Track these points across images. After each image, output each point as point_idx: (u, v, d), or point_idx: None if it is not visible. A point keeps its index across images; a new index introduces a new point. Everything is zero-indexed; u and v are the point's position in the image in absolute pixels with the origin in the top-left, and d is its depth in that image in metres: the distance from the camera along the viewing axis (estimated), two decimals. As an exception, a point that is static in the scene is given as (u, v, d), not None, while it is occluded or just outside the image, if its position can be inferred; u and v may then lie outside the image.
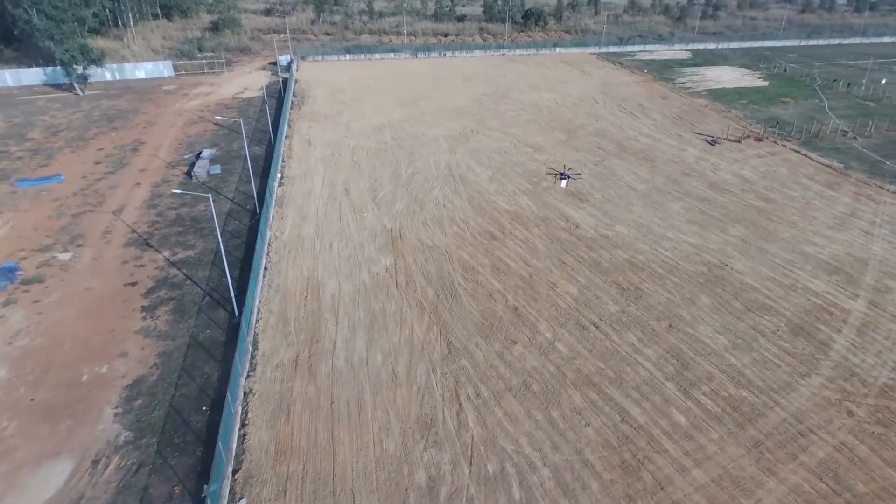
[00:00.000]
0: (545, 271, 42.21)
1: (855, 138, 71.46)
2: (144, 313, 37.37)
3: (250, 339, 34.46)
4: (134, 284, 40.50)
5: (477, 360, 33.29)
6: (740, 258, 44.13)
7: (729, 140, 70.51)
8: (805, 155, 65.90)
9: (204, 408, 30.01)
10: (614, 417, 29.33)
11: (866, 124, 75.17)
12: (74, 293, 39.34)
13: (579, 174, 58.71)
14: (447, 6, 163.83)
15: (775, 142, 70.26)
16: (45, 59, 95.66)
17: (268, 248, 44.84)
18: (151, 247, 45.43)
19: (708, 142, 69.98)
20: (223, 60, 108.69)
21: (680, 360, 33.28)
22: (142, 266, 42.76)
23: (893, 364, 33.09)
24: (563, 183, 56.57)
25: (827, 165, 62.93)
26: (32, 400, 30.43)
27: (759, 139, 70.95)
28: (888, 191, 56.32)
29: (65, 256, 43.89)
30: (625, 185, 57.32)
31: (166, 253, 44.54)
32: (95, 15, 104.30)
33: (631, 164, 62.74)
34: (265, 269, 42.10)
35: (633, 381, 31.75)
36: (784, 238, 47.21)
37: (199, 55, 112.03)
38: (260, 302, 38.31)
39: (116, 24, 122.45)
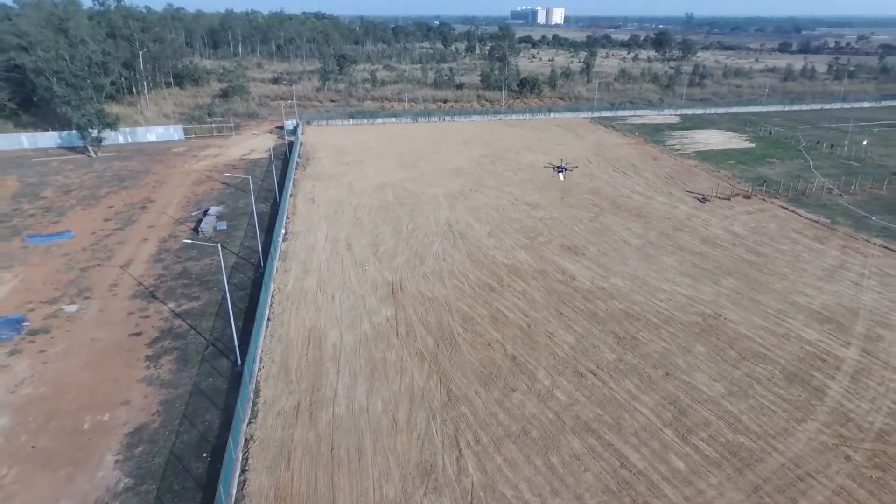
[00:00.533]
0: (543, 321, 43.04)
1: (840, 195, 73.96)
2: (148, 362, 37.90)
3: (252, 386, 34.88)
4: (139, 335, 41.21)
5: (476, 407, 33.61)
6: (734, 308, 45.07)
7: (719, 198, 72.96)
8: (793, 211, 68.08)
9: (204, 454, 30.12)
10: (613, 463, 29.43)
11: (851, 182, 77.94)
12: (80, 343, 39.99)
13: (576, 166, 61.00)
14: (446, 75, 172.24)
15: (764, 199, 72.69)
16: (62, 124, 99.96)
17: (271, 300, 45.82)
18: (157, 299, 46.43)
19: (699, 199, 72.38)
20: (232, 125, 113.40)
21: (677, 407, 33.61)
22: (147, 317, 43.59)
23: (888, 409, 33.43)
24: (561, 175, 58.67)
25: (814, 221, 64.95)
26: (33, 447, 30.56)
27: (748, 197, 73.42)
28: (875, 244, 57.95)
29: (72, 308, 44.79)
30: (619, 240, 59.00)
31: (171, 304, 45.48)
32: (113, 83, 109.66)
33: (625, 220, 64.72)
34: (268, 319, 42.93)
35: (631, 427, 31.99)
36: (776, 289, 48.33)
37: (208, 120, 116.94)
38: (262, 351, 38.92)
39: (131, 92, 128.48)
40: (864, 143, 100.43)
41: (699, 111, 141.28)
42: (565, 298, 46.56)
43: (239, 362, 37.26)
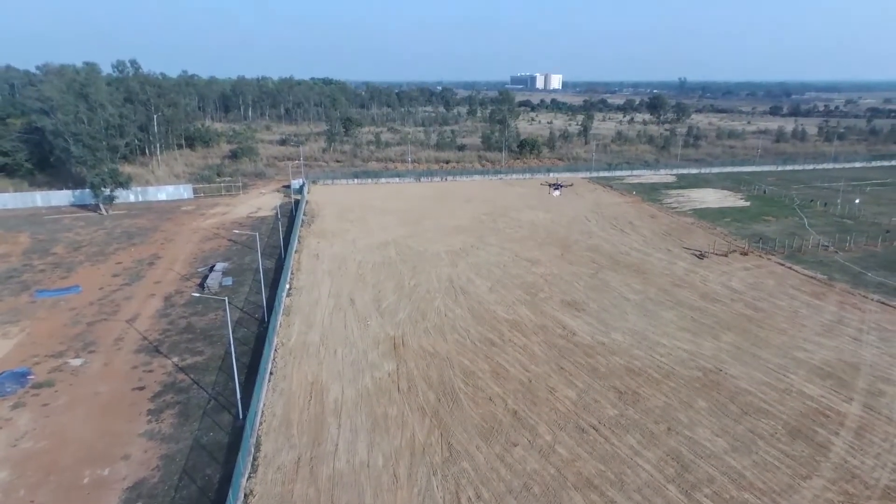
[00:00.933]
0: (544, 376, 43.19)
1: (836, 252, 75.12)
2: (150, 416, 37.97)
3: (253, 440, 34.82)
4: (142, 389, 41.41)
5: (478, 462, 33.42)
6: (734, 363, 45.23)
7: (716, 254, 74.16)
8: (790, 268, 69.06)
9: (203, 510, 29.83)
10: (617, 520, 29.04)
11: (846, 240, 79.30)
12: (83, 397, 40.16)
13: (571, 184, 61.79)
14: (448, 137, 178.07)
15: (760, 256, 73.85)
16: (75, 183, 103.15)
17: (274, 354, 46.18)
18: (161, 353, 46.84)
19: (696, 256, 73.57)
20: (240, 184, 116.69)
21: (680, 463, 33.37)
22: (150, 371, 43.89)
23: (893, 466, 33.11)
24: (557, 192, 59.58)
25: (812, 277, 65.80)
26: (32, 502, 30.34)
27: (744, 253, 74.62)
28: (872, 300, 58.52)
29: (76, 362, 45.16)
30: (619, 296, 59.72)
31: (175, 359, 45.84)
32: (127, 144, 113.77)
33: (624, 276, 65.66)
34: (271, 373, 43.17)
35: (634, 483, 31.69)
36: (775, 344, 48.59)
37: (217, 179, 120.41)
38: (264, 405, 39.00)
39: (144, 153, 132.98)
40: (857, 201, 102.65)
41: (694, 171, 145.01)
42: (566, 353, 46.84)
43: (240, 416, 37.32)
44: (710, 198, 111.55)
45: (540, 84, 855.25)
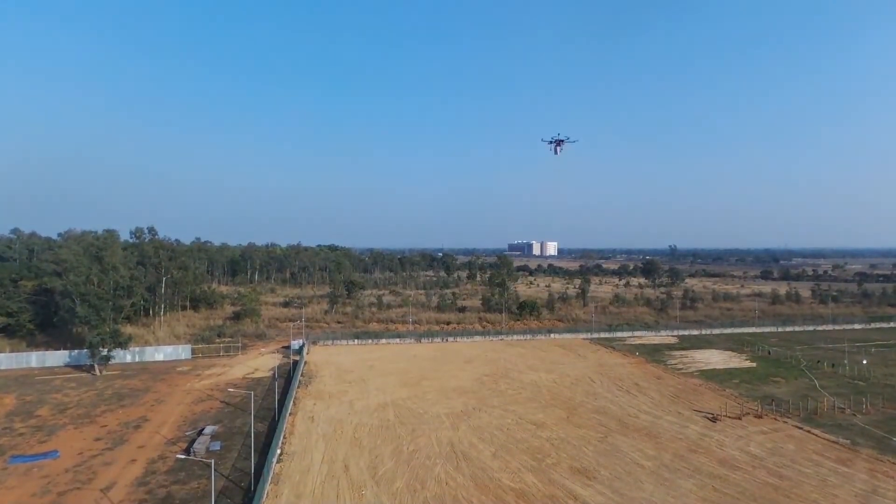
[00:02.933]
0: (556, 556, 38.62)
1: (854, 415, 71.96)
2: None
3: None
4: (105, 571, 36.79)
5: None
6: (767, 541, 40.73)
7: (729, 417, 70.97)
8: (808, 431, 65.59)
9: None
10: None
11: (861, 402, 76.48)
12: (37, 581, 35.52)
13: (576, 140, 61.05)
14: (449, 299, 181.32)
15: (775, 419, 70.61)
16: (74, 343, 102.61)
17: (257, 529, 41.85)
18: (133, 527, 42.46)
19: (709, 419, 70.36)
20: (239, 344, 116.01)
21: None
22: (118, 549, 39.38)
23: None
24: (559, 150, 58.01)
25: (833, 441, 62.16)
26: None
27: (759, 416, 71.43)
28: (904, 467, 54.59)
29: (38, 538, 40.75)
30: (631, 462, 55.88)
31: (148, 534, 41.42)
32: (133, 305, 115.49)
33: (635, 441, 62.09)
34: (251, 552, 38.69)
35: None
36: (809, 518, 44.25)
37: (217, 340, 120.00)
38: (241, 592, 34.31)
39: (147, 314, 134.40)
40: (864, 362, 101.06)
41: (695, 332, 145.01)
42: (579, 528, 42.44)
43: None
44: (715, 359, 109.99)
45: (536, 251, 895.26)
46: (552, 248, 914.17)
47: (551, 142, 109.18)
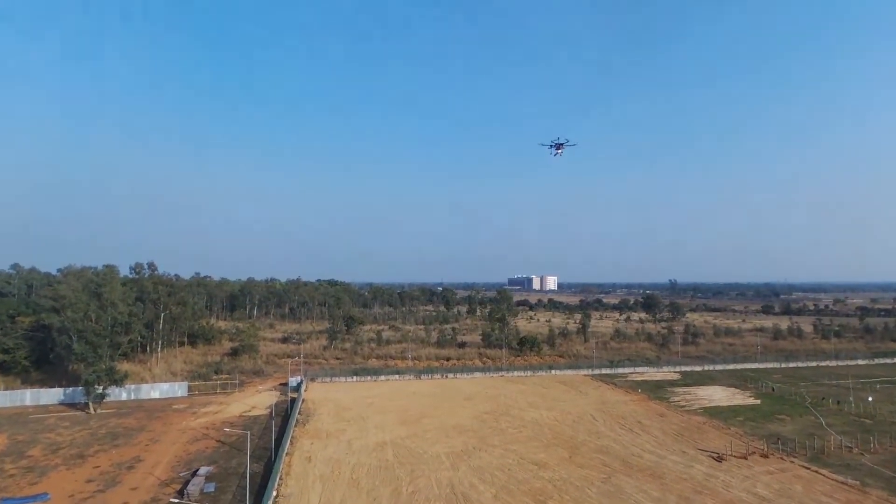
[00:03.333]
0: None
1: (862, 454, 70.58)
2: None
3: None
4: None
5: None
6: (778, 588, 39.38)
7: (735, 456, 69.58)
8: (816, 471, 64.20)
9: None
10: None
11: (868, 440, 75.15)
12: None
13: (574, 144, 63.67)
14: (449, 335, 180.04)
15: (782, 458, 69.22)
16: (69, 381, 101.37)
17: (251, 577, 40.50)
18: (123, 575, 41.11)
19: (714, 458, 68.96)
20: (236, 381, 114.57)
21: None
22: None
23: None
24: (559, 152, 59.55)
25: (842, 482, 60.77)
26: None
27: (764, 455, 70.05)
28: (915, 509, 53.25)
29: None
30: (636, 504, 54.52)
31: (137, 582, 40.07)
32: (130, 341, 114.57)
33: (639, 482, 60.70)
34: None
35: None
36: (820, 564, 42.88)
37: (214, 377, 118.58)
38: None
39: (144, 350, 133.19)
40: (870, 399, 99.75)
41: (697, 368, 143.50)
42: (584, 575, 41.08)
43: None
44: (718, 395, 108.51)
45: (536, 285, 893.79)
46: (552, 283, 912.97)
47: (551, 146, 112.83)
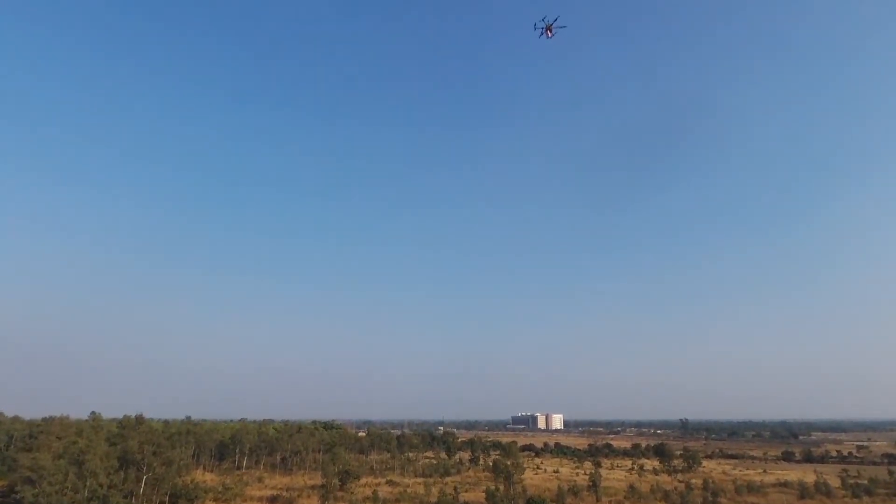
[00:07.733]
0: None
1: None
2: None
3: None
4: None
5: None
6: None
7: None
8: None
9: None
10: None
11: None
12: None
13: (565, 26, 66.66)
14: (450, 495, 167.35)
15: None
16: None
17: None
18: None
19: None
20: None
21: None
22: None
23: None
24: (550, 34, 59.81)
25: None
26: None
27: None
28: None
29: None
30: None
31: None
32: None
33: None
34: None
35: None
36: None
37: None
38: None
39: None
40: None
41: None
42: None
43: None
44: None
45: (541, 424, 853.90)
46: (557, 421, 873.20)
47: (541, 28, 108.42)
